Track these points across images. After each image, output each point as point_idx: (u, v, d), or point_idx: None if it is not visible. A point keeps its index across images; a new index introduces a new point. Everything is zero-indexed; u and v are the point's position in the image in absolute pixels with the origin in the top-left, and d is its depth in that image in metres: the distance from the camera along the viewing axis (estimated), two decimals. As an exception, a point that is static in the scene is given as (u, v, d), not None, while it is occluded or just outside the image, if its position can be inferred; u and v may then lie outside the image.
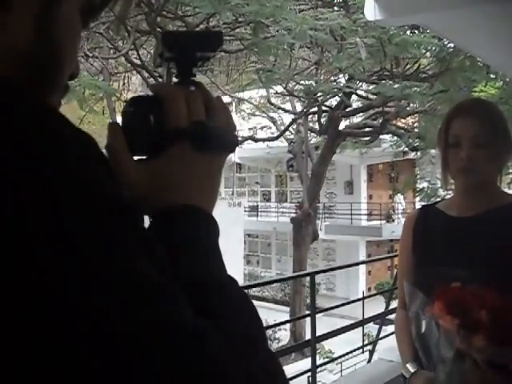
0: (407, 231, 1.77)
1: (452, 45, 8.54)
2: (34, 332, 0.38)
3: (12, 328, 0.38)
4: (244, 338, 0.49)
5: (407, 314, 1.65)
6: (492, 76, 10.57)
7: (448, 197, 1.91)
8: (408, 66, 10.86)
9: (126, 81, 13.12)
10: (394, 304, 6.15)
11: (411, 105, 12.51)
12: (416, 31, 8.99)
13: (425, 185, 15.39)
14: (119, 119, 0.62)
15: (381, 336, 5.98)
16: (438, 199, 1.86)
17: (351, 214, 21.80)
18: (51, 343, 0.38)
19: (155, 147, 0.59)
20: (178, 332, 0.41)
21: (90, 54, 9.10)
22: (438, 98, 10.45)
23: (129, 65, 10.72)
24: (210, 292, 0.52)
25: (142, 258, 0.43)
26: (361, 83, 11.66)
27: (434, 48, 9.06)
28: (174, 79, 0.66)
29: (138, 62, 9.85)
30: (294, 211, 18.33)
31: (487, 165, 1.57)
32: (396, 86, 9.55)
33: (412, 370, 1.59)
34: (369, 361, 5.70)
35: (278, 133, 15.91)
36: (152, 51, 10.31)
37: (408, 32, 8.93)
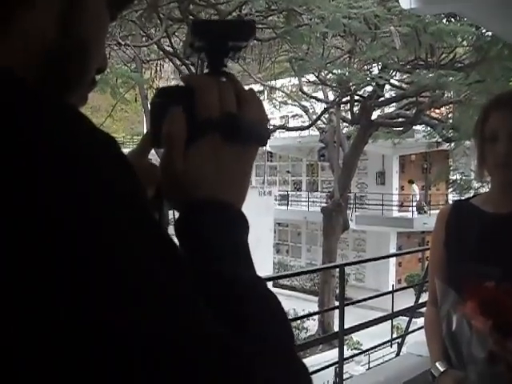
0: (440, 226, 1.72)
1: (490, 33, 8.34)
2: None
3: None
4: (272, 346, 0.48)
5: (438, 311, 1.61)
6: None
7: (482, 190, 1.85)
8: (443, 56, 10.67)
9: (158, 68, 13.17)
10: (424, 297, 6.08)
11: (446, 95, 12.31)
12: (452, 19, 8.81)
13: (458, 176, 15.17)
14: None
15: (410, 330, 5.92)
16: (471, 191, 1.81)
17: (382, 205, 21.60)
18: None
19: (186, 139, 0.58)
20: (203, 345, 0.40)
21: (123, 42, 9.15)
22: (474, 88, 10.26)
23: (161, 52, 10.75)
24: (237, 295, 0.50)
25: (170, 270, 0.42)
26: (394, 72, 11.51)
27: (470, 37, 8.88)
28: (205, 70, 0.64)
29: (171, 49, 9.88)
30: (324, 201, 18.22)
31: None
32: (430, 75, 9.39)
33: (441, 369, 1.55)
34: (397, 354, 5.65)
35: (310, 122, 15.82)
36: (184, 39, 10.32)
37: (444, 20, 8.76)
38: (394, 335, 6.56)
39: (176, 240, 0.53)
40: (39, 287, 0.37)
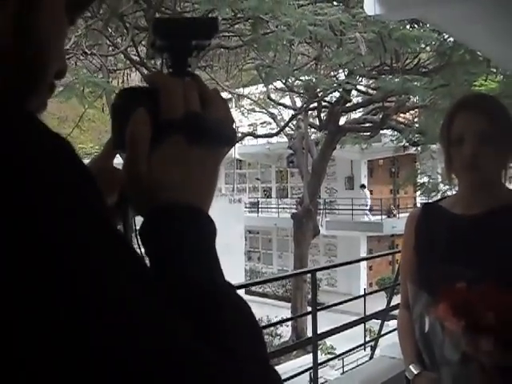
0: (410, 229, 1.73)
1: (452, 39, 8.50)
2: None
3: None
4: (246, 355, 0.47)
5: (410, 314, 1.62)
6: (492, 70, 10.53)
7: (449, 193, 1.87)
8: (408, 61, 10.82)
9: (125, 78, 13.06)
10: (395, 300, 6.14)
11: (411, 99, 12.48)
12: (416, 25, 8.95)
13: (425, 179, 15.37)
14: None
15: (383, 332, 5.96)
16: (439, 194, 1.83)
17: (352, 210, 21.77)
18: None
19: (150, 141, 0.56)
20: (176, 358, 0.40)
21: (89, 52, 9.06)
22: (439, 92, 10.41)
23: (128, 62, 10.68)
24: (212, 302, 0.49)
25: (134, 285, 0.41)
26: (361, 78, 11.63)
27: (433, 42, 9.03)
28: (168, 70, 0.62)
29: (137, 58, 9.81)
30: (294, 207, 18.28)
31: (492, 162, 1.53)
32: (396, 80, 9.51)
33: (415, 372, 1.56)
34: (371, 357, 5.68)
35: (278, 129, 15.87)
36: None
37: (408, 26, 8.89)
38: (367, 338, 6.60)
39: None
40: None
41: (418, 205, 22.38)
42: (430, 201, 1.89)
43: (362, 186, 22.14)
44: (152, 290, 0.43)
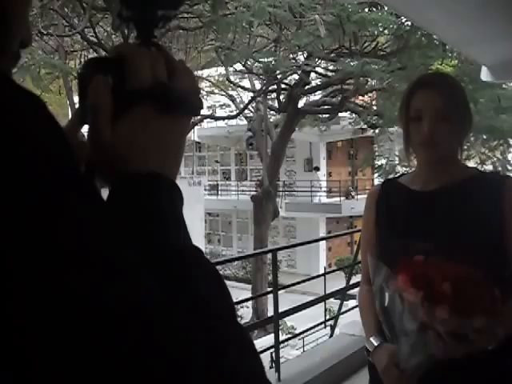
0: (370, 206, 1.77)
1: (409, 23, 8.60)
2: None
3: None
4: (212, 309, 0.48)
5: (371, 289, 1.66)
6: (448, 54, 10.71)
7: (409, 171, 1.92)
8: (366, 44, 10.91)
9: (82, 59, 12.82)
10: (354, 279, 6.25)
11: (369, 82, 12.59)
12: (374, 9, 9.02)
13: (383, 162, 15.57)
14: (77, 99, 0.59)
15: (342, 311, 6.07)
16: (397, 176, 1.87)
17: (311, 192, 21.97)
18: None
19: (116, 110, 0.56)
20: (138, 306, 0.40)
21: (45, 32, 8.85)
22: (396, 75, 10.54)
23: (85, 43, 10.47)
24: (175, 262, 0.49)
25: (99, 231, 0.41)
26: (320, 61, 11.68)
27: (391, 25, 9.12)
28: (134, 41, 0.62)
29: (95, 39, 9.63)
30: (254, 189, 18.35)
31: (449, 138, 1.58)
32: (355, 63, 9.59)
33: (375, 344, 1.61)
34: (331, 335, 5.78)
35: (238, 111, 15.85)
36: (109, 29, 10.09)
37: (366, 10, 8.95)
38: (327, 317, 6.71)
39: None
40: None
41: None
42: (389, 177, 1.93)
43: (316, 169, 22.36)
44: (121, 241, 0.43)
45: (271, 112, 15.99)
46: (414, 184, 1.69)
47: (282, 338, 5.21)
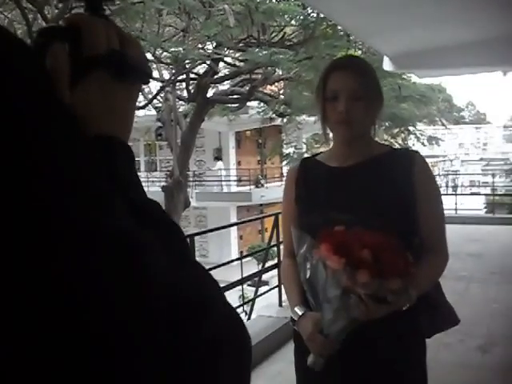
0: (290, 183, 1.86)
1: (315, 14, 8.83)
2: None
3: None
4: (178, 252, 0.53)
5: (293, 262, 1.75)
6: (353, 44, 11.08)
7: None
8: (274, 34, 11.07)
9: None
10: (268, 264, 6.39)
11: (277, 72, 12.78)
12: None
13: (291, 150, 15.88)
14: None
15: (258, 294, 6.19)
16: (314, 154, 1.97)
17: (221, 181, 22.07)
18: None
19: (72, 77, 0.58)
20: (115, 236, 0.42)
21: None
22: (303, 65, 10.78)
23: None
24: (144, 211, 0.53)
25: (85, 166, 0.45)
26: (228, 50, 11.73)
27: (298, 16, 9.32)
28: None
29: None
30: (164, 180, 18.19)
31: (363, 117, 1.69)
32: (264, 52, 9.71)
33: (300, 313, 1.69)
34: (248, 319, 5.89)
35: (146, 101, 15.62)
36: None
37: (274, 0, 9.09)
38: (243, 302, 6.82)
39: None
40: None
41: (284, 174, 23.18)
42: (308, 155, 2.03)
43: (216, 159, 22.53)
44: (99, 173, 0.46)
45: (180, 102, 15.86)
46: (331, 161, 1.80)
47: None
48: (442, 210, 1.79)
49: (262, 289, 6.63)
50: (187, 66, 12.33)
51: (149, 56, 12.89)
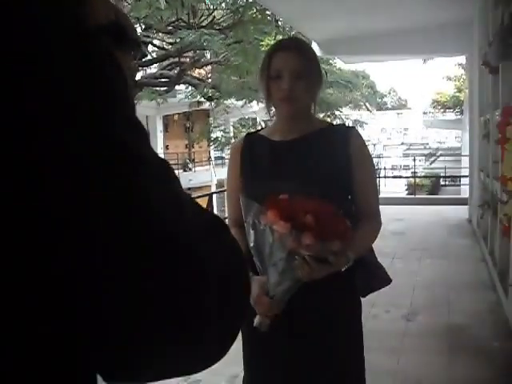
0: (235, 157, 1.97)
1: (244, -3, 8.92)
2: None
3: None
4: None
5: (239, 231, 1.86)
6: (281, 29, 11.25)
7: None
8: (203, 17, 11.07)
9: None
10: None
11: (206, 56, 12.80)
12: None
13: (219, 134, 15.94)
14: None
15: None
16: (257, 130, 2.09)
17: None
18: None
19: None
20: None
21: None
22: (232, 49, 10.86)
23: None
24: None
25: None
26: (158, 33, 11.63)
27: (228, 0, 9.38)
28: None
29: None
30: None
31: (305, 95, 1.82)
32: (193, 36, 9.70)
33: (246, 278, 1.81)
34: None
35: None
36: None
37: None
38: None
39: None
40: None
41: (212, 158, 23.24)
42: (251, 131, 2.14)
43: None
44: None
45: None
46: (274, 135, 1.92)
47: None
48: (375, 179, 1.96)
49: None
50: (115, 48, 12.12)
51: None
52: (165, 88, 14.33)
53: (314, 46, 10.02)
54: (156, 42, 12.51)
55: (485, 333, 4.23)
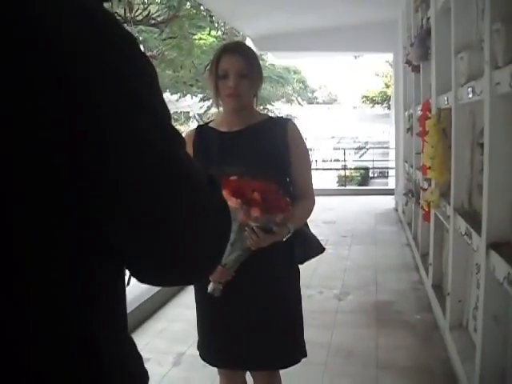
0: (188, 145, 2.23)
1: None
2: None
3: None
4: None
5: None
6: (215, 25, 11.49)
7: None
8: (139, 12, 11.13)
9: None
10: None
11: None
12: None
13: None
14: None
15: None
16: (206, 122, 2.37)
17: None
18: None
19: None
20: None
21: None
22: (167, 44, 11.00)
23: None
24: None
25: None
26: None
27: (164, -5, 9.54)
28: None
29: None
30: None
31: (248, 91, 2.12)
32: (131, 30, 9.76)
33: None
34: (127, 284, 6.13)
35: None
36: None
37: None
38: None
39: None
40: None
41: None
42: (201, 123, 2.42)
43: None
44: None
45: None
46: (222, 127, 2.20)
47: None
48: (309, 164, 2.27)
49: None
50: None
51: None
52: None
53: (248, 42, 10.33)
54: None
55: (408, 307, 4.66)
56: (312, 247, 2.25)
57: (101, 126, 0.62)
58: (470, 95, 2.94)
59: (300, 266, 2.28)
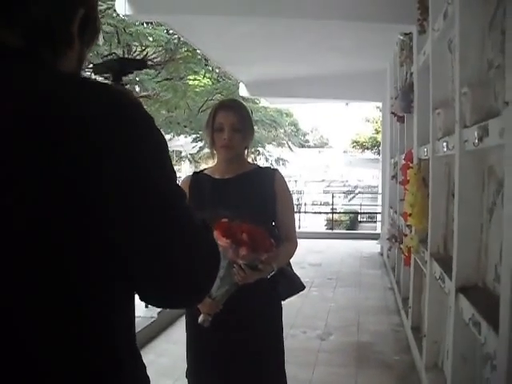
0: (185, 188, 2.44)
1: (177, 37, 9.44)
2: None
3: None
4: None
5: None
6: (209, 69, 11.84)
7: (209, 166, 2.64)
8: (136, 53, 11.47)
9: None
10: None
11: (135, 89, 13.15)
12: (150, 24, 9.66)
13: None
14: None
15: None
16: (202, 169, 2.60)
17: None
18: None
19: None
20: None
21: None
22: (163, 84, 11.30)
23: None
24: None
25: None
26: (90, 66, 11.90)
27: (162, 39, 9.84)
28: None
29: None
30: None
31: (240, 144, 2.37)
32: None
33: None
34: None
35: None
36: None
37: (144, 24, 9.56)
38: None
39: None
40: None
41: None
42: (197, 170, 2.66)
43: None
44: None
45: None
46: (215, 174, 2.44)
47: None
48: (293, 210, 2.50)
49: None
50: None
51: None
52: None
53: (242, 87, 10.66)
54: (87, 74, 12.77)
55: (387, 348, 4.84)
56: (294, 285, 2.45)
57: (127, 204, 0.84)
58: (445, 149, 3.19)
59: (285, 307, 2.48)
